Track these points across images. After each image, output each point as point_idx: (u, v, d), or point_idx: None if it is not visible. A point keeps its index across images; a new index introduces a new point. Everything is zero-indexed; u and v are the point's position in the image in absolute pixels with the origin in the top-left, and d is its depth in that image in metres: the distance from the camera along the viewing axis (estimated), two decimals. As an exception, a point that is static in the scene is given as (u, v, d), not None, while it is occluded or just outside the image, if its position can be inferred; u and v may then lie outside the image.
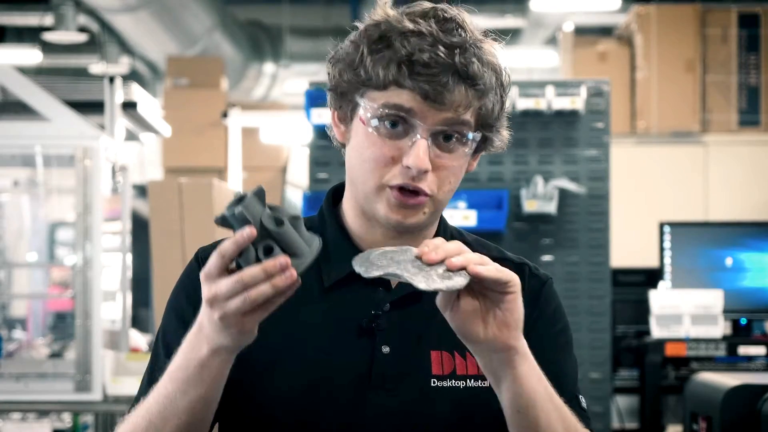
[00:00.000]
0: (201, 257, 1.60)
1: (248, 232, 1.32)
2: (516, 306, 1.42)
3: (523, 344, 1.44)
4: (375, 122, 1.52)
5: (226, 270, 1.35)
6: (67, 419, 4.98)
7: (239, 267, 1.35)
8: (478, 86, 1.51)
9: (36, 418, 4.92)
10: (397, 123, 1.51)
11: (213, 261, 1.35)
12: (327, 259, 1.58)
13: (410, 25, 1.51)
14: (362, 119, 1.54)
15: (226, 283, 1.34)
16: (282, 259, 1.33)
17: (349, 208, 1.61)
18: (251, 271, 1.33)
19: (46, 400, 4.44)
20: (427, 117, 1.50)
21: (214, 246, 1.60)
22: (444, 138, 1.52)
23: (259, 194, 1.34)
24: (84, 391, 4.38)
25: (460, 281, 1.39)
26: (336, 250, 1.59)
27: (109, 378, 4.42)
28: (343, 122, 1.59)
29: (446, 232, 1.64)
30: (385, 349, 1.55)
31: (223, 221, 1.35)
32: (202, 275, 1.36)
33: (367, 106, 1.52)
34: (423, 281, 1.39)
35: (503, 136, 1.60)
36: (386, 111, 1.51)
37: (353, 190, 1.59)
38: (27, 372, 4.48)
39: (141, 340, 5.48)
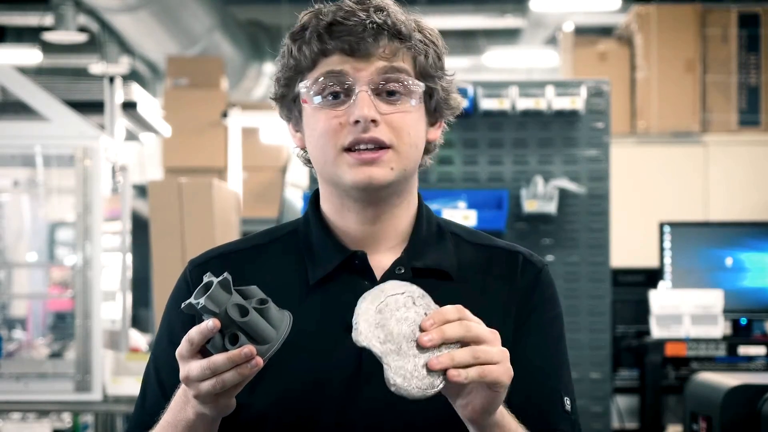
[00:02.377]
0: (189, 270, 1.63)
1: (212, 324, 1.37)
2: (496, 401, 1.42)
3: (490, 422, 1.45)
4: (317, 99, 1.55)
5: (198, 353, 1.39)
6: (67, 419, 4.98)
7: (209, 351, 1.40)
8: (400, 32, 1.54)
9: (36, 418, 4.92)
10: (339, 93, 1.54)
11: (184, 345, 1.40)
12: (312, 258, 1.60)
13: (328, 7, 1.56)
14: (305, 100, 1.57)
15: (196, 367, 1.38)
16: (246, 349, 1.36)
17: (325, 203, 1.63)
18: (217, 360, 1.37)
19: (46, 400, 4.44)
20: (360, 72, 1.53)
21: (204, 257, 1.64)
22: (388, 94, 1.54)
23: (224, 283, 1.38)
24: (84, 391, 4.38)
25: (435, 384, 1.39)
26: (320, 248, 1.60)
27: (109, 378, 4.42)
28: (298, 128, 1.62)
29: (430, 221, 1.64)
30: None
31: (190, 308, 1.40)
32: (176, 354, 1.41)
33: (306, 86, 1.56)
34: (400, 376, 1.39)
35: (455, 97, 1.62)
36: (322, 81, 1.54)
37: (322, 180, 1.61)
38: (27, 372, 4.48)
39: (141, 340, 5.48)
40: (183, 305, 1.40)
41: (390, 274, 1.58)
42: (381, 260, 1.60)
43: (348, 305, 1.54)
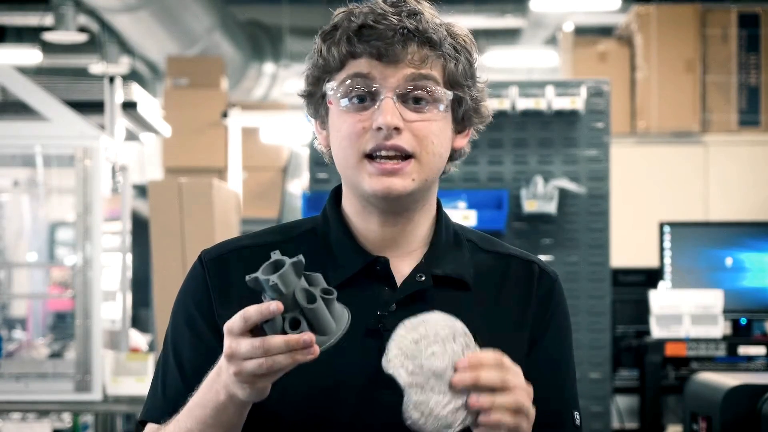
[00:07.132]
0: (205, 260, 1.60)
1: (275, 307, 1.32)
2: None
3: None
4: (343, 101, 1.54)
5: (249, 331, 1.36)
6: (67, 419, 4.98)
7: (263, 329, 1.35)
8: (430, 39, 1.53)
9: (36, 418, 4.92)
10: (364, 97, 1.53)
11: (237, 321, 1.35)
12: (333, 260, 1.58)
13: (361, 8, 1.55)
14: (331, 101, 1.56)
15: (246, 344, 1.35)
16: (306, 336, 1.33)
17: (348, 205, 1.61)
18: (274, 341, 1.33)
19: (46, 400, 4.44)
20: (387, 78, 1.52)
21: (217, 248, 1.61)
22: (414, 100, 1.53)
23: (297, 265, 1.34)
24: (84, 391, 4.38)
25: (453, 425, 1.38)
26: (341, 250, 1.59)
27: (109, 378, 4.42)
28: (323, 127, 1.60)
29: (448, 227, 1.63)
30: None
31: (256, 283, 1.35)
32: (225, 328, 1.37)
33: (332, 88, 1.55)
34: (418, 411, 1.38)
35: (485, 105, 1.60)
36: (348, 84, 1.53)
37: (345, 182, 1.60)
38: (27, 372, 4.48)
39: (141, 340, 5.47)
40: (248, 278, 1.35)
41: (411, 281, 1.57)
42: (401, 266, 1.59)
43: (367, 311, 1.54)
